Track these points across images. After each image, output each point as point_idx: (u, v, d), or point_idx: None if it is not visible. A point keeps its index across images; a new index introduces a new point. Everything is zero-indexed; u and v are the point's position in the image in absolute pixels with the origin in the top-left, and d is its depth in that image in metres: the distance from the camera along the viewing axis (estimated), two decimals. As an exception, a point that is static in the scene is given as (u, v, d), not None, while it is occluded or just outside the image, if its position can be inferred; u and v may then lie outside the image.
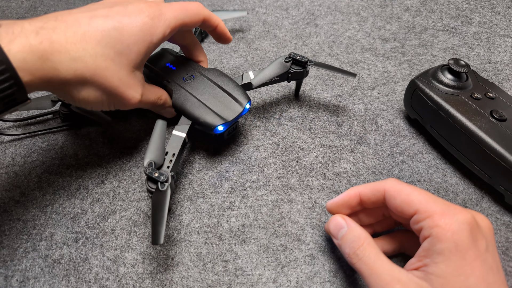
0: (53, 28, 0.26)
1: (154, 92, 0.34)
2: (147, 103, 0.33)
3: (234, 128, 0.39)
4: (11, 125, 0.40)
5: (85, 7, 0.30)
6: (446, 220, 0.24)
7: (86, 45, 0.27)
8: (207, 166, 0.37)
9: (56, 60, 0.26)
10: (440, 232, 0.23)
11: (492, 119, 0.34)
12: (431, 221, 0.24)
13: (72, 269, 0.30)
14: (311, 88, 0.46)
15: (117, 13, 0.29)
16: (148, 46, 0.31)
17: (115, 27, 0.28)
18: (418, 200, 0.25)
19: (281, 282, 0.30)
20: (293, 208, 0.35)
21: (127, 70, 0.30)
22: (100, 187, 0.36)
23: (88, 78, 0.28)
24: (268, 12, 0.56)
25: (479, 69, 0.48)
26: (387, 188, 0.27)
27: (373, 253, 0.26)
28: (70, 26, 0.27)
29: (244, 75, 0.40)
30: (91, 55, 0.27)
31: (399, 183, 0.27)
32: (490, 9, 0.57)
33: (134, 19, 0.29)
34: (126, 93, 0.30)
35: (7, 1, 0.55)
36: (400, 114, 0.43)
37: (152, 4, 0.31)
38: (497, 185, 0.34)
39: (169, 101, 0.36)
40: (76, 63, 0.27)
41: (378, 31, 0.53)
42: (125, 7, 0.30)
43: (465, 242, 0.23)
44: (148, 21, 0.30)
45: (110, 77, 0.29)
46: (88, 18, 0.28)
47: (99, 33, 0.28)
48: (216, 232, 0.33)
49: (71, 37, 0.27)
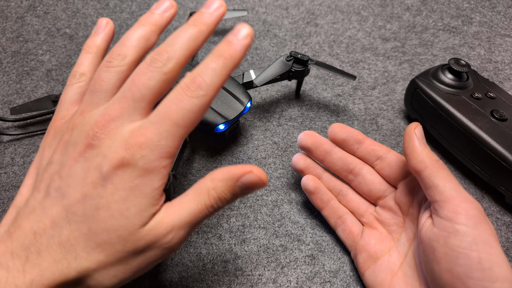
0: (38, 253, 0.20)
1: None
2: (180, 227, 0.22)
3: (235, 127, 0.39)
4: (10, 125, 0.40)
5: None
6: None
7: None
8: (207, 166, 0.37)
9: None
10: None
11: (492, 119, 0.34)
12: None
13: (71, 269, 0.30)
14: (311, 88, 0.45)
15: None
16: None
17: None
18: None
19: (281, 282, 0.30)
20: (293, 208, 0.35)
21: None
22: (99, 187, 0.36)
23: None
24: (268, 11, 0.56)
25: (480, 69, 0.48)
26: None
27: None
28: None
29: (245, 74, 0.40)
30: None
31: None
32: (490, 8, 0.57)
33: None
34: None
35: (6, 1, 0.55)
36: (400, 114, 0.43)
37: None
38: (497, 185, 0.34)
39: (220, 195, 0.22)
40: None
41: (379, 31, 0.53)
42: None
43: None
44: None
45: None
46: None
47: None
48: (216, 232, 0.33)
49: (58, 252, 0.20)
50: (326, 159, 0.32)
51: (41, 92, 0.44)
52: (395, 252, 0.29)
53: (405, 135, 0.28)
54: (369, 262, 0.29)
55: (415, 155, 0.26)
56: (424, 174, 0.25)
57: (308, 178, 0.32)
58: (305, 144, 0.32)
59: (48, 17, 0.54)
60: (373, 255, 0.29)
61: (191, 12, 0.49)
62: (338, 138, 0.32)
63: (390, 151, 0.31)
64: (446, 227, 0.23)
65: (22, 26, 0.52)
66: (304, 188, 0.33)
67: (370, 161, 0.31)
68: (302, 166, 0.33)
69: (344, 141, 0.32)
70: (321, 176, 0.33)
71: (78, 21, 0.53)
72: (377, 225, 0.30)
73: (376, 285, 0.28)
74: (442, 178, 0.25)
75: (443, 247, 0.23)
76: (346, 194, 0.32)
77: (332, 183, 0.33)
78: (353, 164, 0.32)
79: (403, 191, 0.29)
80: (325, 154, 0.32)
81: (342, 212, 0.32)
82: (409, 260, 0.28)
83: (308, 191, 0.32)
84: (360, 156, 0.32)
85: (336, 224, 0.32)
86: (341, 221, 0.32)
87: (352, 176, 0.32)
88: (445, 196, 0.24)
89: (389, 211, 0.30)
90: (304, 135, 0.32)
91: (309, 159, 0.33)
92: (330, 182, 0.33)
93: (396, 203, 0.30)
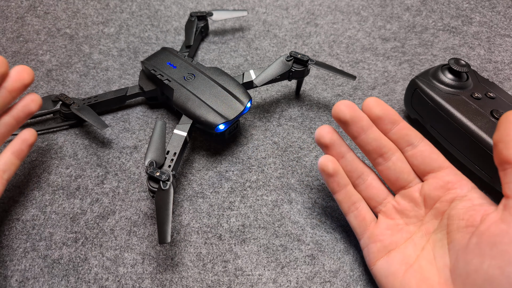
0: None
1: None
2: None
3: (235, 127, 0.39)
4: (10, 125, 0.40)
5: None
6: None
7: None
8: (207, 166, 0.37)
9: None
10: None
11: (492, 119, 0.34)
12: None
13: (71, 269, 0.30)
14: (311, 88, 0.45)
15: None
16: None
17: None
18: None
19: (281, 282, 0.30)
20: (293, 208, 0.35)
21: None
22: (99, 187, 0.36)
23: None
24: (268, 11, 0.56)
25: (480, 69, 0.48)
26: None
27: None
28: None
29: (245, 74, 0.40)
30: None
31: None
32: (490, 8, 0.57)
33: None
34: None
35: (6, 1, 0.55)
36: (400, 114, 0.43)
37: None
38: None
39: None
40: None
41: (378, 31, 0.53)
42: None
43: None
44: None
45: None
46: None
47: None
48: (216, 232, 0.33)
49: None
50: (361, 137, 0.29)
51: (41, 92, 0.44)
52: (411, 244, 0.28)
53: (504, 120, 0.25)
54: (382, 253, 0.28)
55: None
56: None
57: (328, 158, 0.30)
58: (343, 115, 0.28)
59: (48, 17, 0.54)
60: (387, 246, 0.28)
61: (191, 12, 0.49)
62: (373, 114, 0.29)
63: (423, 139, 0.29)
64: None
65: (23, 26, 0.52)
66: (322, 169, 0.30)
67: (401, 146, 0.29)
68: (328, 140, 0.30)
69: (379, 118, 0.29)
70: (344, 156, 0.30)
71: (78, 21, 0.53)
72: (395, 215, 0.29)
73: (388, 275, 0.27)
74: None
75: (506, 245, 0.22)
76: (366, 179, 0.30)
77: (355, 165, 0.30)
78: (386, 147, 0.29)
79: (434, 185, 0.28)
80: (361, 131, 0.29)
81: (356, 198, 0.30)
82: (426, 254, 0.27)
83: (326, 173, 0.30)
84: (392, 139, 0.29)
85: (350, 209, 0.30)
86: (354, 207, 0.30)
87: (382, 159, 0.29)
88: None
89: (411, 202, 0.29)
90: (343, 105, 0.28)
91: (336, 134, 0.30)
92: (352, 164, 0.30)
93: (421, 195, 0.28)
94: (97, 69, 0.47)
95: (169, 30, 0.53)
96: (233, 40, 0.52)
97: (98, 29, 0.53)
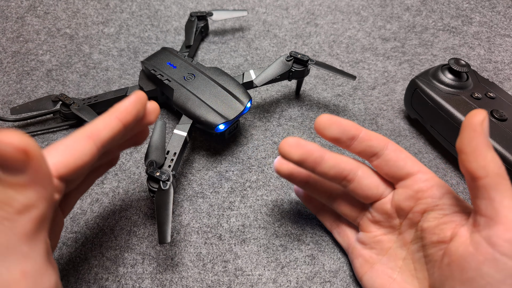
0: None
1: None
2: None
3: (235, 127, 0.39)
4: (10, 125, 0.40)
5: None
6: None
7: None
8: (207, 166, 0.37)
9: None
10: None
11: (492, 119, 0.34)
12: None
13: (71, 269, 0.30)
14: (311, 88, 0.45)
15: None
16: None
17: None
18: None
19: (281, 282, 0.30)
20: (293, 208, 0.35)
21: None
22: (99, 187, 0.36)
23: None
24: (268, 11, 0.56)
25: (480, 69, 0.48)
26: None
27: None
28: None
29: (245, 74, 0.40)
30: None
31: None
32: (490, 8, 0.57)
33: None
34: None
35: (6, 1, 0.55)
36: (400, 114, 0.43)
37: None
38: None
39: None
40: None
41: (378, 31, 0.53)
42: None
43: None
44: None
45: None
46: None
47: None
48: (216, 232, 0.33)
49: None
50: (317, 169, 0.27)
51: (41, 92, 0.44)
52: (392, 256, 0.28)
53: (466, 126, 0.22)
54: (365, 267, 0.29)
55: (477, 157, 0.21)
56: (482, 183, 0.21)
57: (297, 189, 0.33)
58: (291, 157, 0.26)
59: (48, 17, 0.54)
60: (368, 260, 0.28)
61: (191, 12, 0.49)
62: (329, 136, 0.27)
63: (388, 145, 0.27)
64: (485, 252, 0.21)
65: (23, 26, 0.52)
66: (297, 195, 0.34)
67: (366, 157, 0.28)
68: (286, 171, 0.30)
69: (335, 139, 0.27)
70: (308, 180, 0.30)
71: (78, 21, 0.53)
72: (372, 227, 0.29)
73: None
74: (502, 194, 0.21)
75: (473, 271, 0.21)
76: (336, 198, 0.30)
77: (323, 185, 0.30)
78: (346, 170, 0.27)
79: (403, 195, 0.26)
80: (315, 164, 0.26)
81: (336, 216, 0.32)
82: (407, 266, 0.27)
83: (301, 198, 0.34)
84: (356, 152, 0.28)
85: (332, 227, 0.32)
86: (335, 224, 0.31)
87: (346, 182, 0.28)
88: (499, 216, 0.21)
89: (384, 214, 0.28)
90: (287, 146, 0.26)
91: (292, 166, 0.30)
92: (321, 184, 0.30)
93: (392, 207, 0.27)
94: (97, 69, 0.47)
95: (169, 30, 0.53)
96: (233, 40, 0.52)
97: (98, 29, 0.53)
